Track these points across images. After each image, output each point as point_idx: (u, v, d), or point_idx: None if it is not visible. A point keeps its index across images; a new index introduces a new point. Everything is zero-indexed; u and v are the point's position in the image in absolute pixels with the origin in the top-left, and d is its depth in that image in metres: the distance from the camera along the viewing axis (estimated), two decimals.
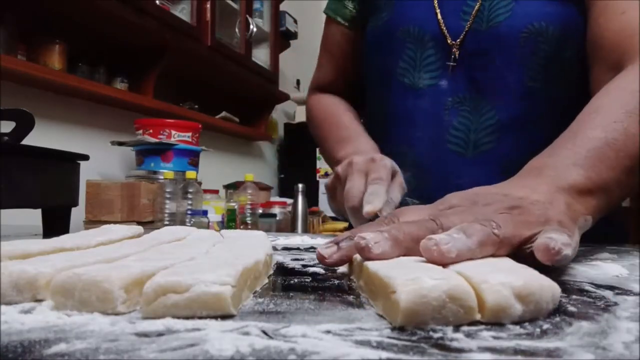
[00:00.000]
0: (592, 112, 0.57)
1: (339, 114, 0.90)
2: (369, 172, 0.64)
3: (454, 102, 0.75)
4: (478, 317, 0.24)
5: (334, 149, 0.83)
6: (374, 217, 0.59)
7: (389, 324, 0.25)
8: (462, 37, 0.74)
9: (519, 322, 0.25)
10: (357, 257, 0.37)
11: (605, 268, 0.42)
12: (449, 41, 0.75)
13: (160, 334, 0.22)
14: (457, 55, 0.75)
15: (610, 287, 0.34)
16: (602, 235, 0.59)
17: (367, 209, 0.58)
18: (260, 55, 2.79)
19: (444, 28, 0.75)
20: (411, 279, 0.25)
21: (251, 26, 2.54)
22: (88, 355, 0.19)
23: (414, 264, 0.32)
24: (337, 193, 0.68)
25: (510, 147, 0.72)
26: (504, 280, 0.26)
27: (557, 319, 0.25)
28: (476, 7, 0.73)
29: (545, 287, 0.26)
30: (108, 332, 0.23)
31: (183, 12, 2.10)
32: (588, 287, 0.34)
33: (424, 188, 0.75)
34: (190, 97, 2.41)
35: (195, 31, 2.10)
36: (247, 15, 2.56)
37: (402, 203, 0.78)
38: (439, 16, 0.76)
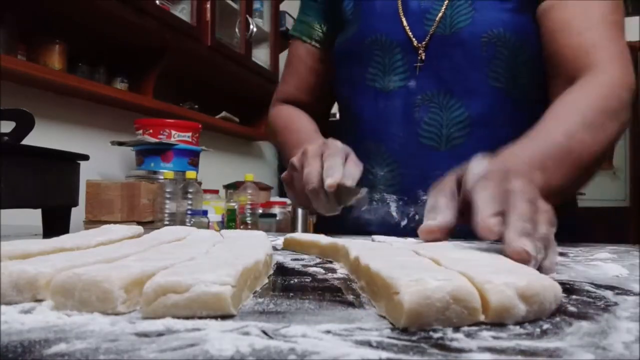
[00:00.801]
0: (552, 119, 0.64)
1: (297, 121, 0.95)
2: (323, 154, 0.67)
3: (424, 100, 0.80)
4: (482, 318, 0.24)
5: (291, 153, 0.84)
6: (337, 191, 0.62)
7: (389, 324, 0.25)
8: (427, 40, 0.80)
9: (521, 322, 0.25)
10: (357, 256, 0.37)
11: (605, 268, 0.42)
12: (415, 43, 0.81)
13: (160, 334, 0.22)
14: (423, 56, 0.81)
15: (610, 287, 0.34)
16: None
17: (329, 181, 0.61)
18: (260, 55, 2.79)
19: (410, 33, 0.81)
20: (415, 280, 0.24)
21: (251, 26, 2.54)
22: (88, 355, 0.19)
23: (415, 264, 0.32)
24: (295, 183, 0.71)
25: (483, 141, 0.75)
26: (507, 280, 0.25)
27: (557, 319, 0.25)
28: (439, 15, 0.80)
29: (548, 287, 0.26)
30: (108, 332, 0.23)
31: (183, 12, 2.10)
32: (588, 287, 0.34)
33: (402, 182, 0.81)
34: (190, 97, 2.41)
35: (195, 31, 2.10)
36: (247, 15, 2.56)
37: (381, 199, 0.85)
38: (404, 23, 0.82)
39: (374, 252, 0.38)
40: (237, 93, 2.76)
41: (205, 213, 1.65)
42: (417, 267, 0.30)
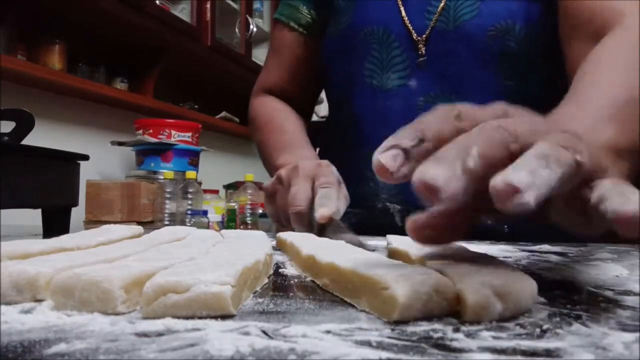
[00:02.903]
0: (593, 75, 0.52)
1: (281, 118, 0.87)
2: (317, 177, 0.62)
3: (426, 101, 0.74)
4: (457, 309, 0.25)
5: (273, 155, 0.80)
6: (325, 224, 0.56)
7: (389, 324, 0.25)
8: (427, 33, 0.73)
9: (498, 320, 0.25)
10: (311, 254, 0.36)
11: (605, 268, 0.42)
12: (414, 37, 0.74)
13: (160, 334, 0.22)
14: (423, 51, 0.74)
15: (610, 287, 0.34)
16: None
17: (322, 212, 0.56)
18: (260, 55, 2.78)
19: (409, 25, 0.74)
20: (401, 275, 0.26)
21: (251, 26, 2.54)
22: (88, 355, 0.19)
23: (375, 260, 0.33)
24: (278, 197, 0.65)
25: None
26: (483, 279, 0.26)
27: (557, 319, 0.25)
28: (440, 6, 0.73)
29: (525, 285, 0.27)
30: (108, 332, 0.23)
31: (183, 12, 2.10)
32: (588, 287, 0.34)
33: (403, 191, 0.74)
34: (190, 97, 2.41)
35: (195, 31, 2.10)
36: (247, 15, 2.56)
37: (384, 209, 0.77)
38: (403, 13, 0.75)
39: (328, 250, 0.38)
40: (237, 93, 2.76)
41: (205, 213, 1.65)
42: (386, 264, 0.31)
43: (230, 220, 1.91)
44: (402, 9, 0.75)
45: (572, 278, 0.38)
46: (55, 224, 0.76)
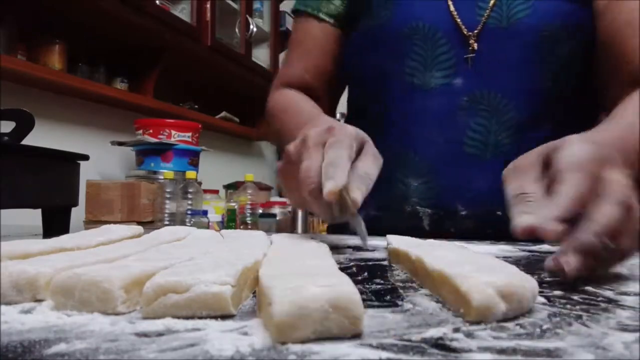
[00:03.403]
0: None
1: (300, 103, 0.80)
2: (326, 142, 0.49)
3: (471, 101, 0.70)
4: (362, 329, 0.22)
5: (291, 138, 0.66)
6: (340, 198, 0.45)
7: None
8: (479, 28, 0.70)
9: (499, 320, 0.25)
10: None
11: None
12: (465, 32, 0.71)
13: (160, 334, 0.22)
14: (475, 46, 0.70)
15: (610, 287, 0.34)
16: None
17: (328, 187, 0.44)
18: (260, 55, 2.79)
19: (459, 20, 0.71)
20: (291, 288, 0.23)
21: (251, 26, 2.54)
22: (88, 355, 0.19)
23: (312, 268, 0.30)
24: (290, 178, 0.53)
25: (532, 148, 0.69)
26: (487, 279, 0.26)
27: (557, 319, 0.25)
28: (492, 2, 0.70)
29: (527, 285, 0.27)
30: (108, 332, 0.23)
31: (183, 12, 2.10)
32: (588, 287, 0.34)
33: (438, 195, 0.70)
34: (190, 97, 2.41)
35: (195, 31, 2.10)
36: (247, 15, 2.55)
37: (413, 212, 0.70)
38: (452, 8, 0.71)
39: (280, 257, 0.36)
40: (237, 93, 2.76)
41: (205, 213, 1.65)
42: (306, 270, 0.29)
43: (230, 220, 1.91)
44: (450, 3, 0.72)
45: (572, 278, 0.38)
46: (55, 224, 0.76)
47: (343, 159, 0.46)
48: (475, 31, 0.70)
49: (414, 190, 0.72)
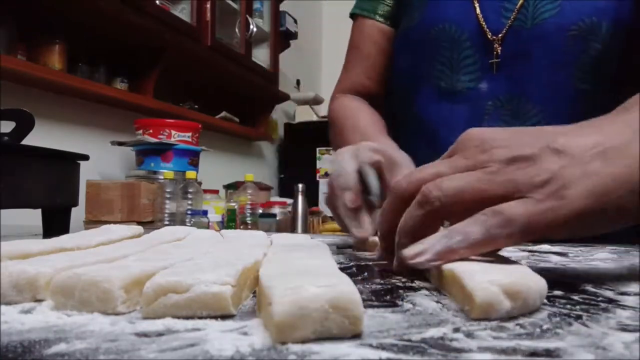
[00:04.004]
0: None
1: (358, 115, 0.79)
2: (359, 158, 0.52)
3: (495, 106, 0.69)
4: (362, 329, 0.22)
5: None
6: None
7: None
8: (504, 32, 0.69)
9: (507, 318, 0.25)
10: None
11: (605, 268, 0.42)
12: (489, 36, 0.69)
13: (160, 334, 0.22)
14: (499, 51, 0.69)
15: (610, 287, 0.34)
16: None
17: (356, 234, 0.49)
18: (260, 55, 2.79)
19: (484, 23, 0.70)
20: (291, 288, 0.22)
21: (251, 26, 2.54)
22: (88, 355, 0.19)
23: (310, 267, 0.30)
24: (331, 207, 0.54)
25: None
26: (492, 277, 0.26)
27: (557, 319, 0.25)
28: (519, 3, 0.68)
29: (533, 284, 0.27)
30: (108, 332, 0.23)
31: (183, 12, 2.10)
32: (588, 287, 0.34)
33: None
34: (190, 97, 2.41)
35: (195, 31, 2.10)
36: (247, 15, 2.56)
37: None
38: (478, 10, 0.70)
39: (280, 257, 0.36)
40: (237, 93, 2.76)
41: (205, 213, 1.65)
42: (304, 270, 0.28)
43: (230, 220, 1.91)
44: (476, 5, 0.71)
45: (572, 278, 0.38)
46: (55, 224, 0.76)
47: (372, 182, 0.51)
48: (500, 35, 0.69)
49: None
